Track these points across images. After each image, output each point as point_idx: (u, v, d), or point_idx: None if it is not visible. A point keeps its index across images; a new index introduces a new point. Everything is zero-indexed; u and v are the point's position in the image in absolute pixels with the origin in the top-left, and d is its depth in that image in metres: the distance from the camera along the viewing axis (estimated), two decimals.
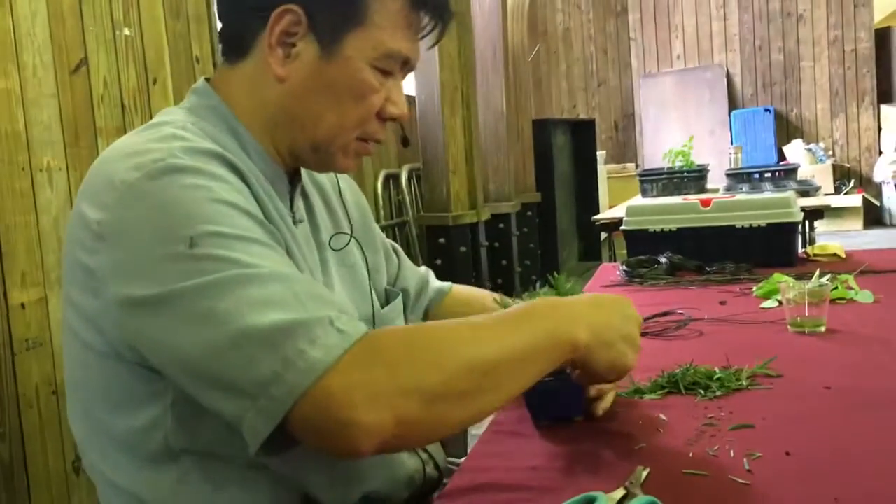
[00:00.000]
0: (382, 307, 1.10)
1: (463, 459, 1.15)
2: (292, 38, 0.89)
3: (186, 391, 0.77)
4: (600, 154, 7.13)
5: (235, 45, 0.94)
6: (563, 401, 1.00)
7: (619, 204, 4.51)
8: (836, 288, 1.56)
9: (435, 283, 1.29)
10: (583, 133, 6.89)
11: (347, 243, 1.07)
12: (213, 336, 0.71)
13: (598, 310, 0.89)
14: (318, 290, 0.78)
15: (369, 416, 0.69)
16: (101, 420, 0.88)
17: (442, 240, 4.06)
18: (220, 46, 0.97)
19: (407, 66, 0.94)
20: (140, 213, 0.78)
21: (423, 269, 1.32)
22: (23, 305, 1.82)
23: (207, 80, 0.97)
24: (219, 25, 0.97)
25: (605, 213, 4.16)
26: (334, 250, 1.05)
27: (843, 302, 1.54)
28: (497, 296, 1.14)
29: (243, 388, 0.71)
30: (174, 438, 0.85)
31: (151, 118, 0.95)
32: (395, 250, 1.25)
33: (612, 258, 4.13)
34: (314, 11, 0.88)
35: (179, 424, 0.84)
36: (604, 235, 6.10)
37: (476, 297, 1.28)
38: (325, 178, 1.12)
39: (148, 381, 0.83)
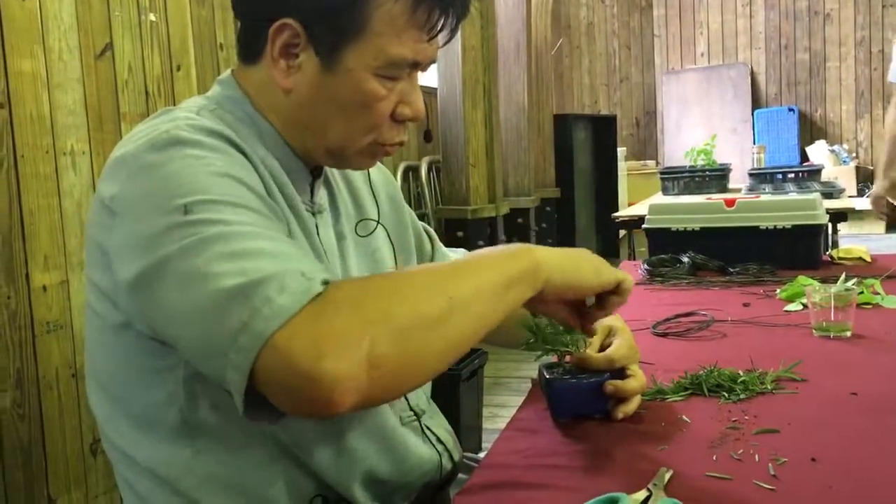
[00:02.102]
0: None
1: (481, 455, 1.15)
2: (295, 50, 0.88)
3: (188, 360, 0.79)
4: (621, 150, 7.09)
5: (247, 50, 0.94)
6: (584, 398, 0.99)
7: (639, 201, 4.48)
8: (862, 292, 1.54)
9: None
10: (604, 129, 6.85)
11: (373, 231, 1.07)
12: (195, 295, 0.71)
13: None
14: (299, 252, 0.77)
15: (339, 364, 0.66)
16: (120, 397, 0.90)
17: (460, 233, 4.05)
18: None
19: (417, 67, 0.92)
20: (144, 185, 0.79)
21: (460, 254, 1.29)
22: (44, 288, 1.83)
23: (233, 71, 0.97)
24: None
25: (626, 211, 4.13)
26: (360, 236, 1.05)
27: (869, 307, 1.52)
28: None
29: (219, 343, 0.70)
30: (189, 412, 0.86)
31: (174, 105, 0.96)
32: (430, 237, 1.24)
33: (632, 256, 4.10)
34: (311, 25, 0.86)
35: (193, 398, 0.85)
36: (622, 232, 6.07)
37: None
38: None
39: (161, 356, 0.84)
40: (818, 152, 8.00)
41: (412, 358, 0.72)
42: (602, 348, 1.01)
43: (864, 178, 8.15)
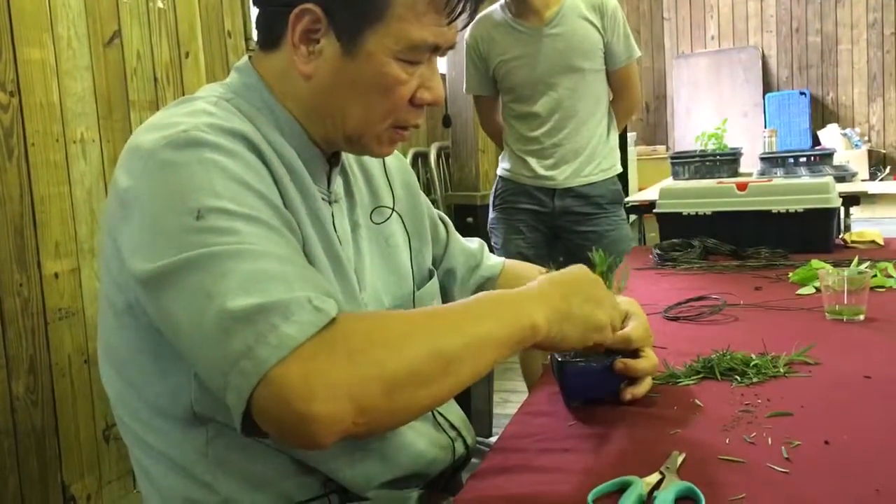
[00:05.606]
0: (419, 288, 1.10)
1: (492, 439, 1.15)
2: (315, 35, 0.88)
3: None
4: (631, 135, 7.03)
5: (266, 37, 0.93)
6: (596, 383, 0.99)
7: (650, 186, 4.46)
8: (876, 275, 1.53)
9: (489, 261, 1.27)
10: None
11: (388, 218, 1.06)
12: (200, 309, 0.72)
13: (551, 287, 0.89)
14: (308, 273, 0.78)
15: (328, 407, 0.69)
16: (132, 384, 0.90)
17: (470, 219, 4.04)
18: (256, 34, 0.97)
19: (437, 51, 0.92)
20: (159, 182, 0.79)
21: (476, 244, 1.28)
22: (56, 275, 1.84)
23: (251, 58, 0.97)
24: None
25: (636, 196, 4.12)
26: (375, 223, 1.04)
27: (883, 290, 1.51)
28: (544, 269, 1.13)
29: (221, 363, 0.71)
30: (198, 405, 0.86)
31: (183, 92, 0.96)
32: (445, 226, 1.23)
33: (642, 240, 4.08)
34: (332, 10, 0.86)
35: (202, 392, 0.85)
36: (633, 217, 6.04)
37: (526, 273, 1.26)
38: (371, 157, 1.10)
39: (171, 348, 0.84)
40: (830, 136, 7.93)
41: (398, 410, 0.75)
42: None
43: (877, 162, 8.09)
